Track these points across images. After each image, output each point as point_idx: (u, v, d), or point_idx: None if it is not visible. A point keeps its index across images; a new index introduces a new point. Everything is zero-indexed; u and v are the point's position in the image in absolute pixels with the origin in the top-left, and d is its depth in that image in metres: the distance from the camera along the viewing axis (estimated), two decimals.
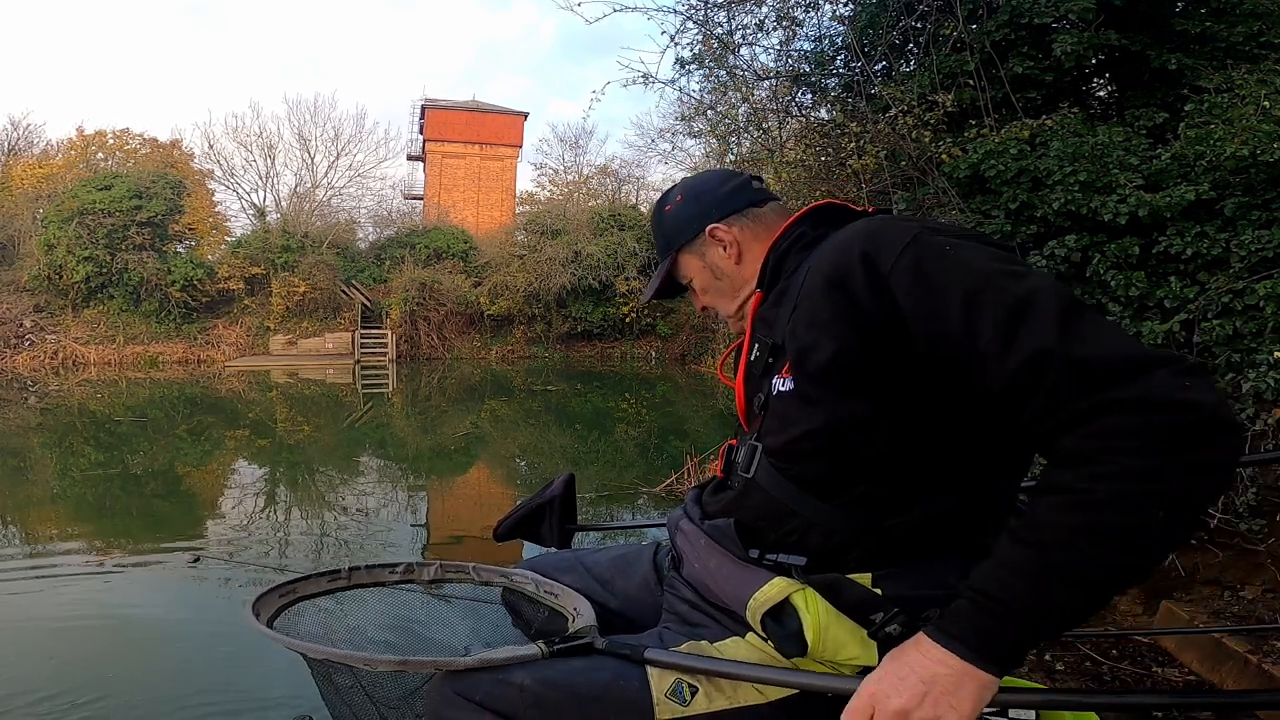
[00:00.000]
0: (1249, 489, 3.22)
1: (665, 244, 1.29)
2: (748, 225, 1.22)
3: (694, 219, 1.24)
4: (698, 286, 1.28)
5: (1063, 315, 0.80)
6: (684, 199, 1.27)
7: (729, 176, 1.29)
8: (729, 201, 1.24)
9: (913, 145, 4.56)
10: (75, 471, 8.87)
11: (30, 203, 23.43)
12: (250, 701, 3.24)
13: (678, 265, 1.29)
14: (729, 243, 1.22)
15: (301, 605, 1.37)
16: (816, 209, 1.15)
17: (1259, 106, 3.80)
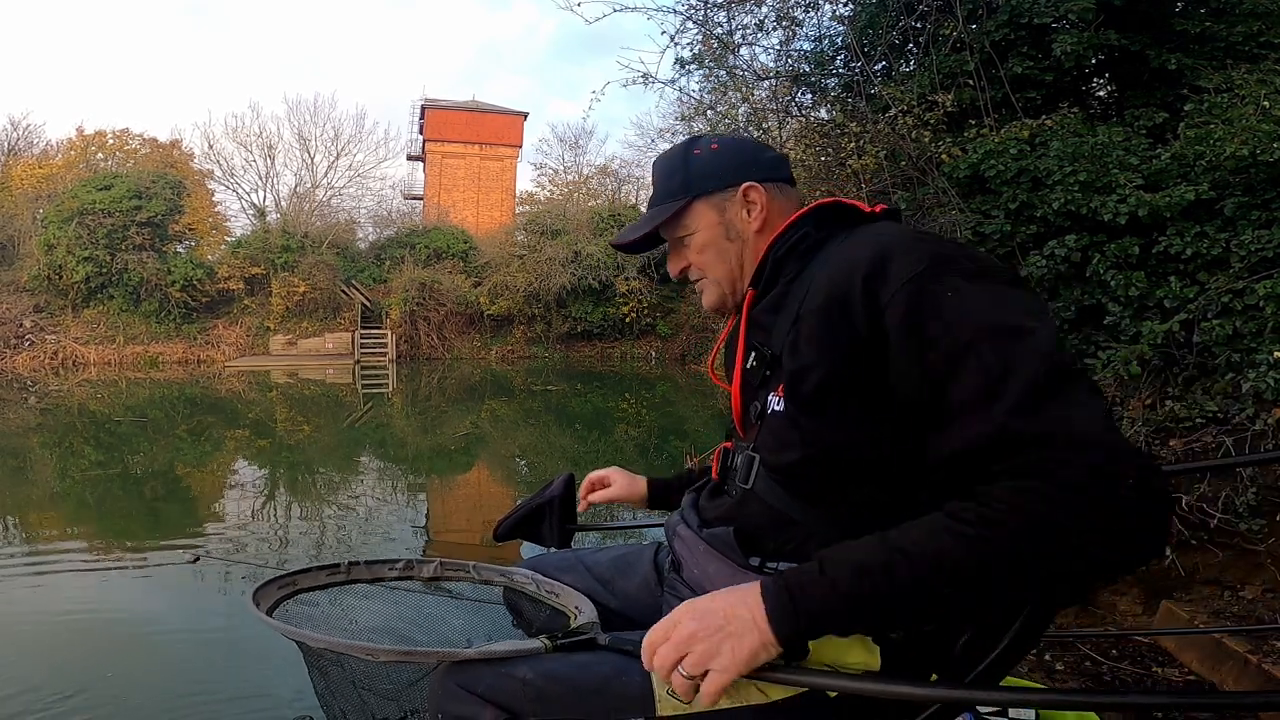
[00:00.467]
0: (1249, 489, 3.21)
1: (684, 185, 1.16)
2: (778, 199, 1.15)
3: (732, 170, 1.15)
4: (697, 242, 1.17)
5: (1041, 389, 0.77)
6: (721, 149, 1.18)
7: (769, 147, 1.22)
8: (772, 167, 1.17)
9: (913, 145, 4.56)
10: (75, 471, 8.87)
11: (30, 203, 23.43)
12: (250, 701, 3.24)
13: (688, 212, 1.17)
14: (759, 206, 1.14)
15: (300, 598, 1.37)
16: (821, 208, 1.10)
17: (1259, 106, 3.80)
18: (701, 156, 1.17)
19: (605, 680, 0.98)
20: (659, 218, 1.17)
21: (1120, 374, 3.72)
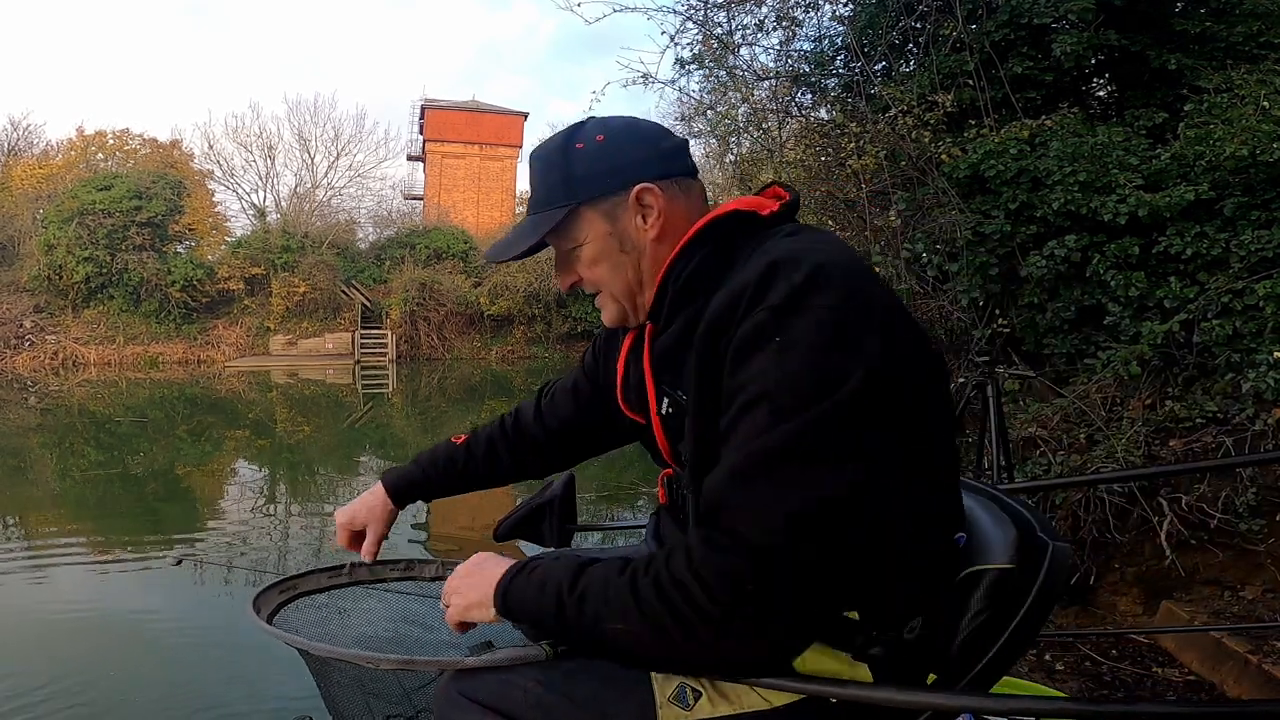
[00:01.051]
0: (1249, 489, 3.22)
1: (566, 188, 1.00)
2: (679, 198, 1.00)
3: (622, 168, 0.98)
4: (587, 255, 1.01)
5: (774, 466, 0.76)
6: (608, 140, 1.00)
7: (667, 131, 1.04)
8: (667, 161, 1.00)
9: (912, 145, 4.56)
10: (75, 471, 8.87)
11: (30, 203, 23.44)
12: (250, 700, 3.24)
13: (574, 221, 1.00)
14: (656, 211, 0.98)
15: (301, 601, 1.37)
16: (719, 221, 0.96)
17: (1258, 106, 3.80)
18: (585, 152, 1.00)
19: (606, 687, 0.97)
20: (540, 230, 1.01)
21: (1120, 374, 3.72)
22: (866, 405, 0.76)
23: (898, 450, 0.79)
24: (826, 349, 0.77)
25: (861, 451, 0.76)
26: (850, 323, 0.78)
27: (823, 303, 0.79)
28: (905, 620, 0.90)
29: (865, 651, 0.90)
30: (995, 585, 0.98)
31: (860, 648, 0.90)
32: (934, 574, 0.93)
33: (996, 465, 3.04)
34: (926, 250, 4.40)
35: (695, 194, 1.02)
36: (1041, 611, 0.93)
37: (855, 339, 0.78)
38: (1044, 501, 3.59)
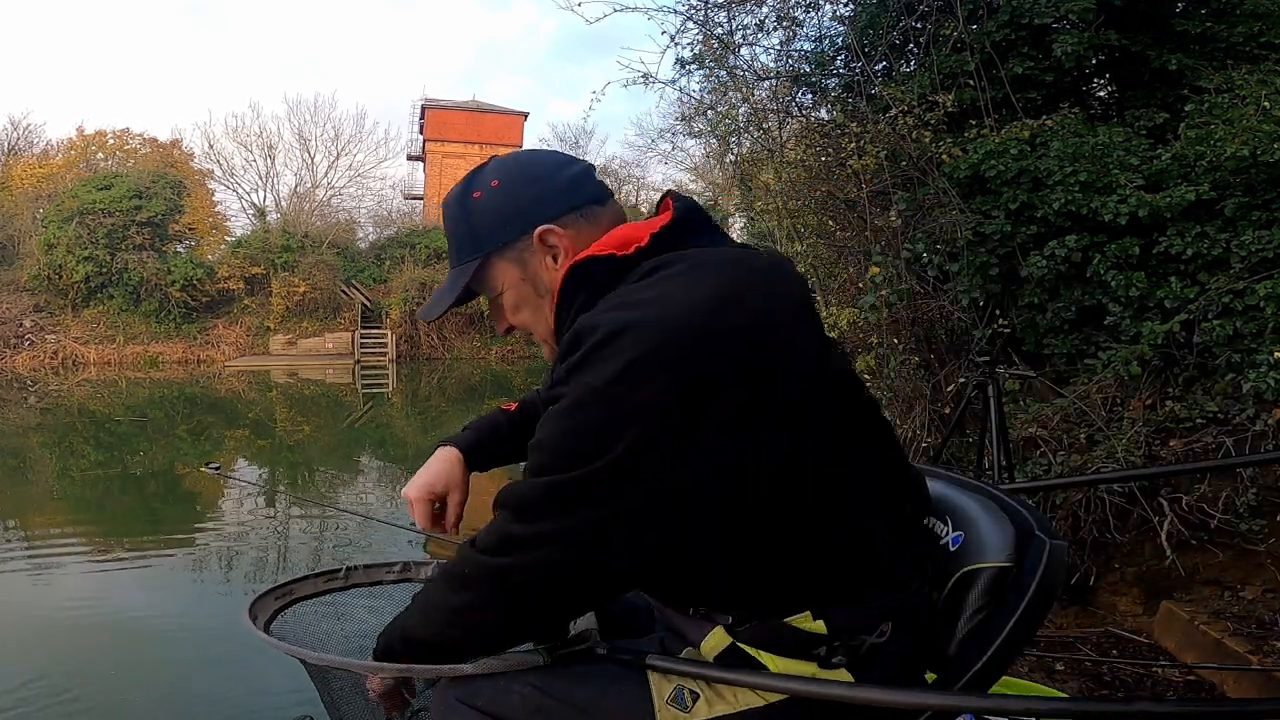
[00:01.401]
0: (1249, 489, 3.22)
1: (472, 241, 1.01)
2: (586, 229, 0.98)
3: (517, 214, 0.98)
4: (509, 302, 1.03)
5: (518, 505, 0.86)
6: (503, 185, 1.00)
7: (567, 161, 1.04)
8: (568, 195, 0.99)
9: (913, 145, 4.56)
10: (75, 471, 8.87)
11: (30, 203, 23.43)
12: (250, 701, 3.24)
13: (486, 272, 1.02)
14: (562, 251, 0.97)
15: (299, 606, 1.37)
16: (578, 270, 0.95)
17: (1259, 107, 3.80)
18: (482, 201, 1.00)
19: (605, 691, 0.97)
20: (458, 285, 1.02)
21: (1121, 374, 3.72)
22: (616, 473, 0.81)
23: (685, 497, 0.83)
24: (576, 428, 0.82)
25: (600, 519, 0.83)
26: (607, 401, 0.80)
27: (587, 379, 0.81)
28: (873, 625, 0.92)
29: (829, 661, 0.91)
30: (993, 584, 0.98)
31: (824, 658, 0.92)
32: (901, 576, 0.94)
33: (997, 465, 3.04)
34: (927, 250, 4.40)
35: (605, 221, 1.00)
36: (1040, 610, 0.94)
37: (614, 416, 0.80)
38: (1044, 501, 3.59)
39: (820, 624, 0.91)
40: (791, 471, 0.86)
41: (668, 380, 0.79)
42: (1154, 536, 3.33)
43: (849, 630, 0.91)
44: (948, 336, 4.53)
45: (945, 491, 1.14)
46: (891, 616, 0.92)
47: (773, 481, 0.86)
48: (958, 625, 0.97)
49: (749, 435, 0.82)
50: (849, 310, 4.77)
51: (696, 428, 0.81)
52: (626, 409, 0.80)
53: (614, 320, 0.82)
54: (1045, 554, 0.95)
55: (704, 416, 0.80)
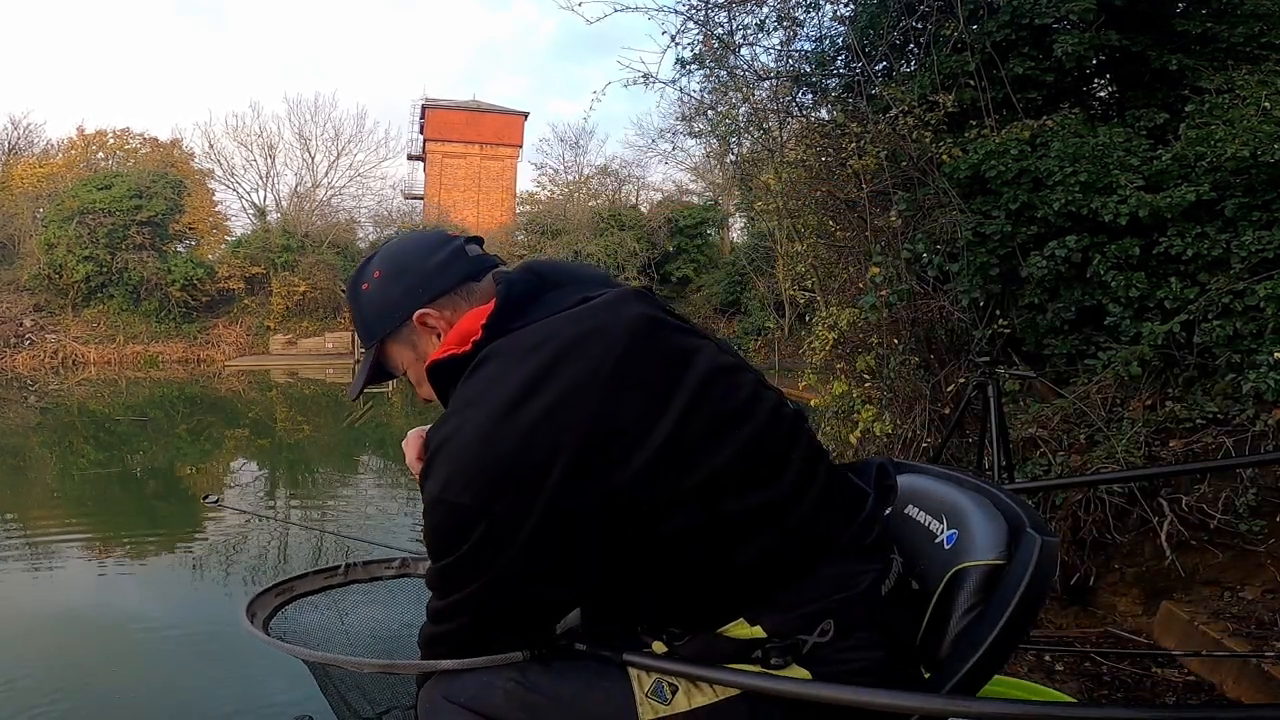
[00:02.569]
0: (1249, 490, 3.21)
1: (366, 331, 1.12)
2: (462, 306, 1.07)
3: (397, 304, 1.08)
4: (413, 377, 1.13)
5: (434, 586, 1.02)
6: (383, 275, 1.10)
7: (439, 244, 1.12)
8: (438, 279, 1.08)
9: (913, 145, 4.55)
10: (75, 471, 8.87)
11: (30, 202, 23.44)
12: (249, 700, 3.24)
13: (386, 356, 1.13)
14: (440, 330, 1.07)
15: (301, 603, 1.38)
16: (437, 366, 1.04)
17: (1260, 107, 3.80)
18: (369, 295, 1.11)
19: (587, 687, 0.99)
20: (366, 367, 1.15)
21: (1121, 374, 3.72)
22: (478, 554, 0.94)
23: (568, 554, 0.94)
24: (435, 530, 0.97)
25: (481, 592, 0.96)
26: (446, 508, 0.94)
27: (429, 490, 0.95)
28: (811, 625, 0.93)
29: (768, 662, 0.93)
30: (985, 582, 0.98)
31: (761, 659, 0.93)
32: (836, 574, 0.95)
33: (996, 465, 3.04)
34: (927, 250, 4.40)
35: (478, 296, 1.08)
36: (1031, 608, 0.93)
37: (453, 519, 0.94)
38: (1044, 501, 3.59)
39: (758, 629, 0.94)
40: (654, 516, 0.92)
41: (477, 486, 0.91)
42: (1154, 537, 3.33)
43: (785, 632, 0.93)
44: (948, 336, 4.53)
45: (940, 489, 1.13)
46: (833, 614, 0.93)
47: (639, 527, 0.92)
48: (950, 623, 0.97)
49: (586, 502, 0.91)
50: (849, 310, 4.77)
51: (519, 515, 0.91)
52: (460, 513, 0.93)
53: (438, 438, 0.96)
54: (1036, 551, 0.95)
55: (524, 506, 0.91)
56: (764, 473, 0.96)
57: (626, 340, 0.96)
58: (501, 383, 0.94)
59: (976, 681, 0.92)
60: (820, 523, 0.98)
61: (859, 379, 4.64)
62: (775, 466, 0.97)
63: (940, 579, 1.02)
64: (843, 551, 0.97)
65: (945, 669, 0.94)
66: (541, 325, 1.00)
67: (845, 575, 0.95)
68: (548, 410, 0.91)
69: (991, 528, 1.02)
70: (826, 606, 0.93)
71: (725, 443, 0.95)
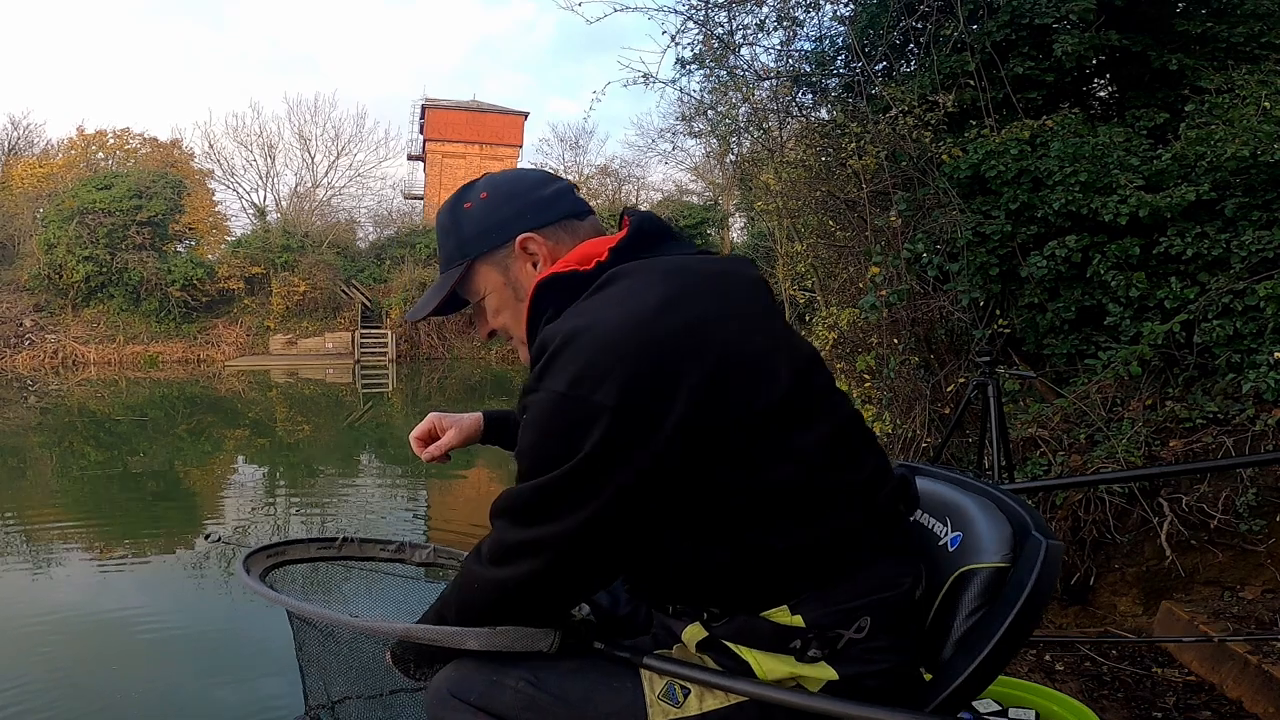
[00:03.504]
0: (1249, 490, 3.21)
1: (459, 247, 1.09)
2: (565, 241, 1.06)
3: (502, 223, 1.06)
4: (491, 305, 1.11)
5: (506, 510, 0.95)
6: (490, 197, 1.09)
7: (548, 179, 1.13)
8: (546, 209, 1.07)
9: (913, 145, 4.56)
10: (75, 471, 8.87)
11: (30, 202, 23.44)
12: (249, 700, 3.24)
13: (471, 277, 1.10)
14: (541, 258, 1.05)
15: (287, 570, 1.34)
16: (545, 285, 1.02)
17: (1260, 107, 3.80)
18: (471, 211, 1.09)
19: (597, 687, 0.98)
20: (443, 289, 1.10)
21: (1121, 374, 3.72)
22: (591, 470, 0.87)
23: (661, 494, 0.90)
24: (547, 435, 0.91)
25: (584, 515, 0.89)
26: (574, 404, 0.88)
27: (550, 386, 0.90)
28: (850, 620, 0.92)
29: (805, 654, 0.93)
30: (989, 584, 0.98)
31: (800, 651, 0.93)
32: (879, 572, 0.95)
33: (997, 465, 3.04)
34: (927, 250, 4.40)
35: (582, 233, 1.08)
36: (1034, 611, 0.94)
37: (578, 421, 0.87)
38: (1044, 501, 3.59)
39: (798, 618, 0.93)
40: (754, 466, 0.90)
41: (616, 381, 0.85)
42: (1154, 537, 3.33)
43: (825, 625, 0.93)
44: (948, 336, 4.53)
45: (945, 491, 1.14)
46: (871, 612, 0.93)
47: (736, 476, 0.90)
48: (953, 625, 0.98)
49: (707, 432, 0.87)
50: (849, 310, 4.78)
51: (652, 423, 0.86)
52: (586, 410, 0.86)
53: (567, 330, 0.90)
54: (1041, 554, 0.95)
55: (658, 412, 0.86)
56: (853, 457, 0.97)
57: (754, 290, 1.00)
58: (639, 295, 0.91)
59: (980, 683, 0.92)
60: (888, 517, 0.99)
61: (859, 379, 4.64)
62: (861, 454, 0.99)
63: (944, 581, 1.02)
64: (893, 551, 0.98)
65: (947, 670, 0.94)
66: (675, 257, 1.01)
67: (890, 575, 0.96)
68: (688, 324, 0.88)
69: (996, 530, 1.02)
70: (867, 604, 0.93)
71: (826, 416, 0.95)
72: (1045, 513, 3.50)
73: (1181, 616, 3.00)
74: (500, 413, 1.43)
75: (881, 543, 0.97)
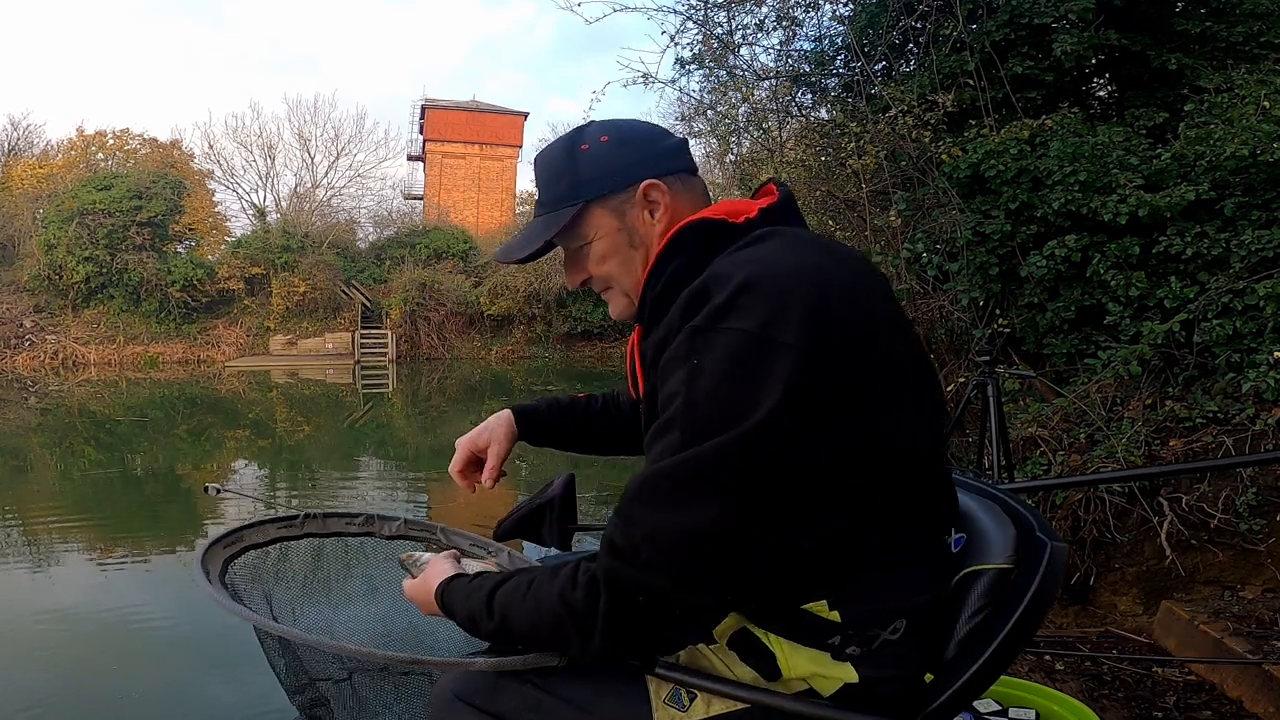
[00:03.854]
0: (1249, 489, 3.21)
1: (573, 188, 1.03)
2: (683, 194, 1.03)
3: (627, 166, 1.02)
4: (597, 252, 1.04)
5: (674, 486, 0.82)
6: (611, 141, 1.04)
7: (666, 132, 1.09)
8: (669, 160, 1.04)
9: (913, 145, 4.56)
10: (75, 471, 8.87)
11: (30, 203, 23.43)
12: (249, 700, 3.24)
13: (583, 219, 1.03)
14: (663, 206, 1.01)
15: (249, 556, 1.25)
16: (690, 229, 0.97)
17: (1259, 106, 3.80)
18: (591, 153, 1.03)
19: (603, 691, 0.98)
20: (551, 229, 1.03)
21: (1120, 374, 3.72)
22: (777, 430, 0.78)
23: (817, 465, 0.82)
24: (734, 376, 0.80)
25: (765, 479, 0.80)
26: (763, 345, 0.79)
27: (737, 325, 0.80)
28: (886, 621, 0.91)
29: (843, 650, 0.91)
30: (993, 585, 0.98)
31: (838, 648, 0.91)
32: (918, 575, 0.94)
33: (996, 465, 3.04)
34: (926, 250, 4.40)
35: (697, 191, 1.05)
36: (1038, 611, 0.93)
37: (767, 362, 0.79)
38: (1044, 501, 3.59)
39: (835, 614, 0.90)
40: (852, 452, 0.85)
41: (803, 326, 0.80)
42: (1154, 536, 3.33)
43: (863, 623, 0.91)
44: (948, 336, 4.53)
45: None
46: (906, 615, 0.91)
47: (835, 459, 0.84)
48: (956, 626, 0.97)
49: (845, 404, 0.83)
50: None
51: (863, 355, 0.83)
52: (778, 350, 0.79)
53: (749, 273, 0.83)
54: (1046, 556, 0.95)
55: (832, 370, 0.81)
56: (937, 459, 0.96)
57: (881, 276, 0.97)
58: (807, 254, 0.87)
59: (982, 684, 0.92)
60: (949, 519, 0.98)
61: None
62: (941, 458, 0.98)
63: (949, 582, 1.02)
64: (933, 554, 0.96)
65: (950, 671, 0.94)
66: (816, 234, 0.99)
67: (930, 578, 0.94)
68: (849, 297, 0.85)
69: (999, 532, 1.02)
70: (903, 606, 0.91)
71: (928, 410, 0.93)
72: (1045, 512, 3.50)
73: (1182, 616, 3.00)
74: (525, 408, 1.36)
75: (925, 544, 0.95)
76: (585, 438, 1.39)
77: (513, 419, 1.33)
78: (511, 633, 0.95)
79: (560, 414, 1.37)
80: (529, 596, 0.93)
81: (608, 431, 1.38)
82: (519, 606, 0.94)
